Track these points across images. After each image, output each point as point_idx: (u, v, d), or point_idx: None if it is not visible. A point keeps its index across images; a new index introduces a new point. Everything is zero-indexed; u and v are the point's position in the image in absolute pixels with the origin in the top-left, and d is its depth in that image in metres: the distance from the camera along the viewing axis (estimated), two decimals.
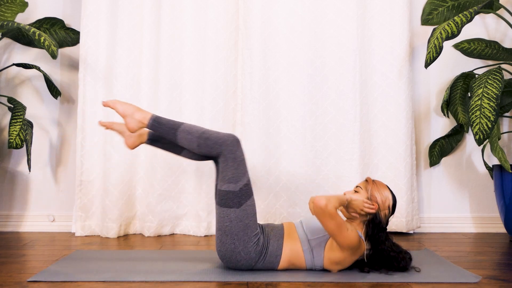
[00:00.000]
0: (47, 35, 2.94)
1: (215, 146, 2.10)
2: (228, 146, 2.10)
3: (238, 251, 2.10)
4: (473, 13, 2.71)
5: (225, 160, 2.09)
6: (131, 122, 2.19)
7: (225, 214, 2.09)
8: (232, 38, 3.18)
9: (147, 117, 2.18)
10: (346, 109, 3.12)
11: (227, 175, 2.09)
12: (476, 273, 2.18)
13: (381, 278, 2.09)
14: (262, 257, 2.13)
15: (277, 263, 2.15)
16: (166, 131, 2.16)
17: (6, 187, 3.27)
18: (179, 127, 2.16)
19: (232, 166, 2.09)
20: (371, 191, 2.16)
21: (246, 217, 2.09)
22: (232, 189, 2.08)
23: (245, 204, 2.09)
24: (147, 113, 2.20)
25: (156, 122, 2.17)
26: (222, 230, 2.11)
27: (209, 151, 2.11)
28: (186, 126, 2.16)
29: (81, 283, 2.00)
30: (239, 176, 2.09)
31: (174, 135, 2.15)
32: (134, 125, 2.20)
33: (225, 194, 2.08)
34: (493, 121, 2.56)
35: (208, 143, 2.10)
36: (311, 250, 2.13)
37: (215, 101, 3.14)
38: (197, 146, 2.12)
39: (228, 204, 2.08)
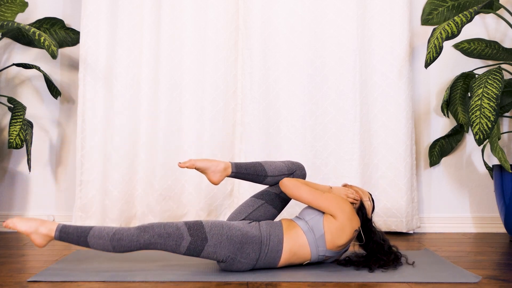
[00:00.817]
0: (47, 35, 2.95)
1: (130, 244, 2.03)
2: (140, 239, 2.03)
3: (238, 260, 2.11)
4: (473, 13, 2.71)
5: (155, 245, 2.04)
6: (37, 239, 2.07)
7: (207, 254, 2.08)
8: (232, 38, 3.18)
9: (52, 229, 2.07)
10: (346, 109, 3.12)
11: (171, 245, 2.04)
12: (476, 273, 2.18)
13: (381, 278, 2.09)
14: (263, 254, 2.13)
15: (279, 258, 2.15)
16: (75, 240, 2.06)
17: (6, 187, 3.27)
18: (87, 234, 2.05)
19: (165, 240, 2.04)
20: (350, 186, 2.35)
21: (220, 235, 2.08)
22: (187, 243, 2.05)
23: (206, 233, 2.07)
24: (52, 224, 2.08)
25: (63, 232, 2.06)
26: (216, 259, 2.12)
27: (127, 250, 2.05)
28: (95, 231, 2.05)
29: (81, 283, 2.00)
30: (176, 234, 2.04)
31: (86, 243, 2.06)
32: (41, 241, 2.08)
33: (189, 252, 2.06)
34: (493, 121, 2.56)
35: (123, 243, 2.03)
36: (312, 230, 2.16)
37: (215, 101, 3.14)
38: (112, 248, 2.03)
39: (200, 249, 2.06)
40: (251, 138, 3.13)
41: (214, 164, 2.28)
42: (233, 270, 2.14)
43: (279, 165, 2.35)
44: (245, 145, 3.14)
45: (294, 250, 2.16)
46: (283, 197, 2.36)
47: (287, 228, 2.19)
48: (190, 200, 3.13)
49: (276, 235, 2.15)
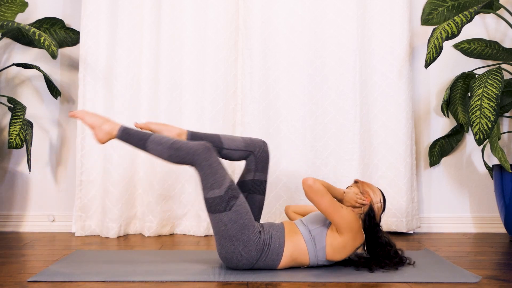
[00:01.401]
0: (47, 35, 2.95)
1: (187, 156, 2.08)
2: (201, 155, 2.08)
3: (239, 251, 2.10)
4: (473, 13, 2.71)
5: (202, 168, 2.08)
6: (100, 134, 2.19)
7: (218, 220, 2.09)
8: (232, 38, 3.18)
9: (115, 128, 2.17)
10: (346, 109, 3.12)
11: (208, 182, 2.08)
12: (476, 273, 2.18)
13: (381, 278, 2.09)
14: (264, 255, 2.13)
15: (278, 261, 2.15)
16: (135, 142, 2.15)
17: (6, 187, 3.27)
18: (148, 138, 2.14)
19: (211, 173, 2.08)
20: (362, 187, 2.27)
21: (240, 217, 2.09)
22: (217, 194, 2.07)
23: (235, 205, 2.09)
24: (115, 124, 2.19)
25: (125, 133, 2.16)
26: (219, 234, 2.11)
27: (181, 161, 2.10)
28: (156, 137, 2.15)
29: (81, 283, 2.00)
30: (220, 180, 2.08)
31: (144, 146, 2.14)
32: (102, 137, 2.19)
33: (212, 200, 2.08)
34: (493, 121, 2.56)
35: (179, 153, 2.08)
36: (313, 240, 2.15)
37: (215, 101, 3.14)
38: (168, 156, 2.10)
39: (218, 209, 2.08)
40: None
41: (169, 128, 2.31)
42: (231, 263, 2.14)
43: (238, 140, 2.33)
44: None
45: (294, 256, 2.16)
46: (259, 180, 2.34)
47: (289, 233, 2.18)
48: (190, 200, 3.13)
49: (277, 238, 2.15)
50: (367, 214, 2.21)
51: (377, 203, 2.24)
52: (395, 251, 2.24)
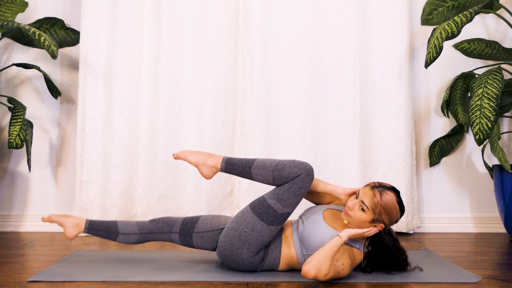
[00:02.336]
0: (47, 35, 2.95)
1: (290, 175, 2.07)
2: (301, 176, 2.07)
3: (243, 259, 2.11)
4: (473, 13, 2.71)
5: (292, 184, 2.08)
6: (205, 170, 2.22)
7: (252, 221, 2.09)
8: (232, 38, 3.18)
9: (219, 162, 2.20)
10: (346, 109, 3.12)
11: (283, 195, 2.07)
12: (476, 273, 2.18)
13: (381, 278, 2.09)
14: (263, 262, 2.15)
15: (277, 265, 2.17)
16: (240, 171, 2.18)
17: (6, 187, 3.27)
18: (252, 165, 2.16)
19: (294, 193, 2.07)
20: (379, 214, 2.05)
21: (266, 236, 2.10)
22: (277, 209, 2.07)
23: (274, 227, 2.09)
24: (218, 157, 2.22)
25: (229, 164, 2.19)
26: (237, 232, 2.10)
27: (284, 181, 2.09)
28: (259, 162, 2.15)
29: (81, 283, 2.00)
30: (290, 204, 2.08)
31: (249, 174, 2.16)
32: (208, 172, 2.23)
33: (267, 207, 2.08)
34: (493, 121, 2.56)
35: (283, 174, 2.08)
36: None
37: (215, 101, 3.14)
38: (272, 179, 2.11)
39: (263, 217, 2.08)
40: (251, 138, 3.13)
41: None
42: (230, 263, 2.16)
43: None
44: (245, 145, 3.14)
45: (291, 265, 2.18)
46: None
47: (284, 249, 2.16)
48: (190, 200, 3.12)
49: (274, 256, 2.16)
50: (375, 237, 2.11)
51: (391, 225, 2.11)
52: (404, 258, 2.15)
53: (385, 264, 2.15)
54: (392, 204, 2.05)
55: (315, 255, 1.97)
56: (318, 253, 1.97)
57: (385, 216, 2.05)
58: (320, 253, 1.96)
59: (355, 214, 2.07)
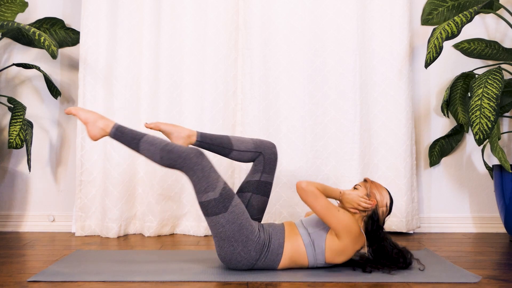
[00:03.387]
0: (47, 35, 2.95)
1: (178, 159, 2.07)
2: (192, 159, 2.07)
3: (238, 252, 2.10)
4: (473, 13, 2.71)
5: (194, 173, 2.07)
6: (93, 130, 2.17)
7: (215, 222, 2.09)
8: (232, 38, 3.18)
9: (109, 125, 2.16)
10: (346, 109, 3.12)
11: (202, 185, 2.08)
12: (476, 273, 2.18)
13: (381, 278, 2.09)
14: (263, 255, 2.13)
15: (278, 262, 2.16)
16: (128, 141, 2.14)
17: (6, 187, 3.27)
18: (141, 138, 2.13)
19: (203, 176, 2.07)
20: (370, 188, 2.22)
21: (237, 218, 2.09)
22: (212, 197, 2.07)
23: (230, 206, 2.09)
24: (110, 121, 2.18)
25: (119, 131, 2.15)
26: (218, 236, 2.11)
27: (172, 163, 2.08)
28: (149, 137, 2.13)
29: (81, 283, 2.00)
30: (214, 183, 2.08)
31: (137, 146, 2.13)
32: (96, 133, 2.17)
33: (207, 203, 2.08)
34: (493, 121, 2.56)
35: (171, 156, 2.07)
36: (312, 243, 2.14)
37: (215, 101, 3.14)
38: (160, 158, 2.09)
39: (214, 211, 2.08)
40: None
41: (178, 129, 2.30)
42: (231, 263, 2.14)
43: (247, 141, 2.33)
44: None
45: (294, 258, 2.17)
46: (266, 181, 2.34)
47: (289, 234, 2.17)
48: (190, 200, 3.13)
49: (277, 239, 2.15)
50: (370, 217, 2.18)
51: (383, 206, 2.20)
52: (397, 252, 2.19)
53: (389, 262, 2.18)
54: (381, 185, 2.26)
55: None
56: None
57: (376, 190, 2.20)
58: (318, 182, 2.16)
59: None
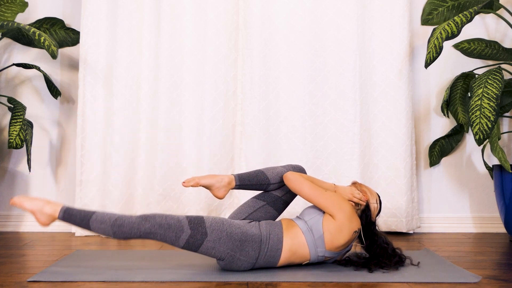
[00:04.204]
0: (47, 35, 2.94)
1: (132, 230, 2.05)
2: (145, 225, 2.05)
3: (237, 258, 2.11)
4: (473, 13, 2.71)
5: (155, 234, 2.06)
6: (42, 218, 2.12)
7: (205, 249, 2.09)
8: (232, 38, 3.18)
9: (57, 210, 2.11)
10: (346, 109, 3.12)
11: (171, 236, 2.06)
12: (476, 273, 2.18)
13: (381, 278, 2.09)
14: (262, 252, 2.13)
15: (278, 257, 2.16)
16: (78, 222, 2.11)
17: (6, 187, 3.27)
18: (90, 217, 2.09)
19: (166, 230, 2.06)
20: (360, 187, 2.34)
21: (220, 232, 2.09)
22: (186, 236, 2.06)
23: (207, 228, 2.09)
24: (57, 205, 2.12)
25: (67, 214, 2.11)
26: (216, 256, 2.12)
27: (127, 236, 2.07)
28: (98, 215, 2.09)
29: (81, 283, 2.00)
30: (178, 226, 2.07)
31: (87, 225, 2.10)
32: (45, 220, 2.13)
33: (187, 244, 2.08)
34: (493, 121, 2.56)
35: (123, 229, 2.05)
36: (310, 230, 2.16)
37: (215, 101, 3.14)
38: (113, 234, 2.07)
39: (198, 243, 2.08)
40: (251, 138, 3.13)
41: (218, 179, 2.30)
42: (233, 268, 2.14)
43: (280, 171, 2.35)
44: (245, 145, 3.15)
45: (294, 249, 2.16)
46: (285, 200, 2.37)
47: (287, 228, 2.19)
48: (190, 200, 3.12)
49: (276, 234, 2.16)
50: (363, 210, 2.26)
51: (374, 202, 2.29)
52: (392, 249, 2.26)
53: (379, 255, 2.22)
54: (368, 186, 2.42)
55: None
56: None
57: (365, 188, 2.32)
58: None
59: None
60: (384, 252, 2.23)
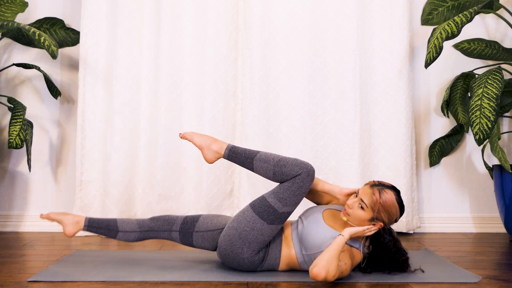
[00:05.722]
0: (47, 35, 2.95)
1: (291, 173, 2.08)
2: (302, 175, 2.08)
3: (243, 258, 2.11)
4: (473, 13, 2.71)
5: (292, 183, 2.08)
6: (208, 154, 2.23)
7: (252, 220, 2.09)
8: (232, 38, 3.18)
9: (223, 147, 2.21)
10: (346, 109, 3.12)
11: (283, 194, 2.08)
12: (476, 273, 2.18)
13: (381, 278, 2.09)
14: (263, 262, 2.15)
15: (277, 265, 2.18)
16: (242, 161, 2.19)
17: (6, 187, 3.27)
18: (255, 156, 2.16)
19: (293, 192, 2.08)
20: (378, 212, 2.04)
21: (267, 235, 2.10)
22: (277, 208, 2.08)
23: (275, 226, 2.10)
24: (223, 143, 2.23)
25: (232, 152, 2.20)
26: (238, 231, 2.10)
27: (284, 178, 2.10)
28: (262, 155, 2.16)
29: (81, 283, 2.00)
30: (290, 203, 2.08)
31: (251, 165, 2.17)
32: (211, 156, 2.24)
33: (267, 206, 2.08)
34: (493, 121, 2.56)
35: (284, 170, 2.09)
36: (306, 263, 2.13)
37: (215, 101, 3.14)
38: (273, 174, 2.12)
39: (263, 215, 2.08)
40: (251, 138, 3.13)
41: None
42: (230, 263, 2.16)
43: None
44: (245, 145, 3.14)
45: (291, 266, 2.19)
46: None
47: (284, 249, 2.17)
48: (190, 200, 3.12)
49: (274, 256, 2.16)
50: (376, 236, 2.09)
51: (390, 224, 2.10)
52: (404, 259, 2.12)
53: (385, 264, 2.14)
54: (391, 202, 2.04)
55: (322, 256, 1.95)
56: (324, 254, 1.95)
57: (384, 214, 2.04)
58: (326, 254, 1.94)
59: (354, 212, 2.06)
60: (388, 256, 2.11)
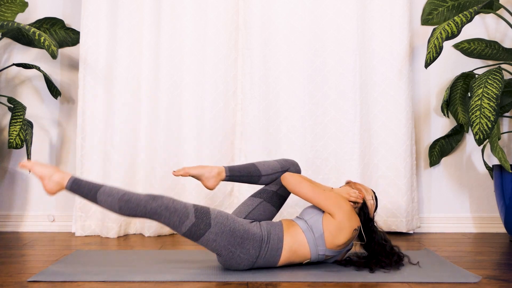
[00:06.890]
0: (47, 35, 2.95)
1: (137, 208, 2.06)
2: (152, 204, 2.05)
3: (237, 255, 2.11)
4: (473, 13, 2.71)
5: (160, 215, 2.06)
6: (49, 184, 2.13)
7: (206, 241, 2.10)
8: (232, 38, 3.18)
9: (65, 179, 2.12)
10: (346, 109, 3.12)
11: (175, 221, 2.06)
12: (476, 273, 2.18)
13: (381, 278, 2.09)
14: (263, 252, 2.13)
15: (278, 257, 2.16)
16: (85, 193, 2.11)
17: (6, 187, 3.27)
18: (98, 190, 2.10)
19: (171, 213, 2.06)
20: (354, 185, 2.34)
21: (224, 225, 2.10)
22: (190, 223, 2.07)
23: (211, 219, 2.09)
24: (66, 174, 2.13)
25: (75, 184, 2.12)
26: (215, 250, 2.12)
27: (132, 213, 2.07)
28: (106, 188, 2.10)
29: (81, 283, 2.00)
30: (184, 212, 2.07)
31: (94, 198, 2.10)
32: (52, 187, 2.13)
33: (189, 231, 2.08)
34: (493, 121, 2.56)
35: (130, 205, 2.05)
36: (311, 229, 2.17)
37: (215, 101, 3.14)
38: (118, 208, 2.07)
39: (200, 233, 2.08)
40: (251, 138, 3.13)
41: (208, 170, 2.30)
42: (232, 266, 2.14)
43: (272, 164, 2.38)
44: (245, 145, 3.15)
45: (294, 248, 2.16)
46: (281, 194, 2.38)
47: (287, 227, 2.19)
48: (190, 200, 3.12)
49: (276, 234, 2.16)
50: (361, 208, 2.27)
51: (370, 200, 2.29)
52: (390, 246, 2.26)
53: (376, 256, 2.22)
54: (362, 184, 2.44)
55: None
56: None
57: (360, 186, 2.32)
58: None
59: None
60: (382, 249, 2.23)
